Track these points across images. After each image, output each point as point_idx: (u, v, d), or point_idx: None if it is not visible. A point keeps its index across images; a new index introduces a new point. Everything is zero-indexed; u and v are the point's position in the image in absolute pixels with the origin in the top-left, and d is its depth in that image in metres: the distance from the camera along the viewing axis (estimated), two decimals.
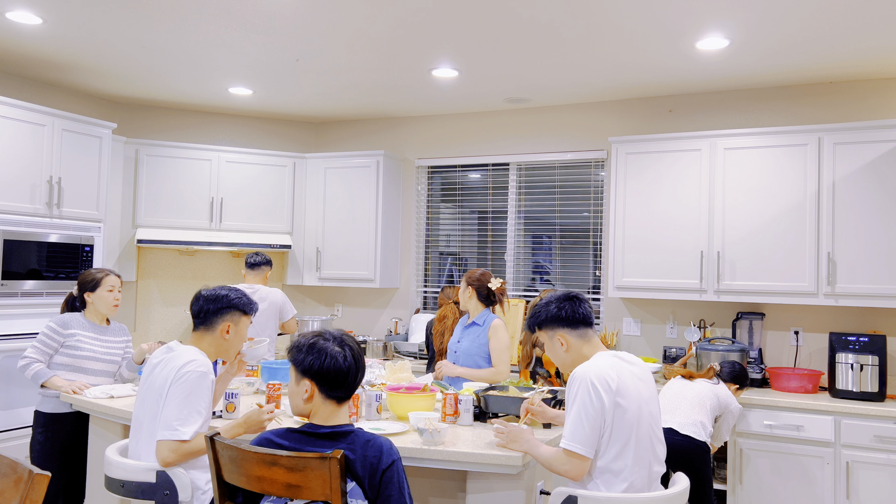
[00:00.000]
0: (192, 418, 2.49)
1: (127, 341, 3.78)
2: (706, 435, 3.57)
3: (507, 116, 5.72)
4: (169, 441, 2.46)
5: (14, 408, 4.34)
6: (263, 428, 2.62)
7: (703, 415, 3.62)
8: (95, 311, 3.64)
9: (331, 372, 2.03)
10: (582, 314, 2.55)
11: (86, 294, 3.62)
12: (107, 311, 3.65)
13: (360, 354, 2.12)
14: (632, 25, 3.78)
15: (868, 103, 4.61)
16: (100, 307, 3.62)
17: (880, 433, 3.88)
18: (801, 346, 4.66)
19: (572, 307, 2.55)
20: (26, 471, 1.64)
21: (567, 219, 5.54)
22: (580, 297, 2.59)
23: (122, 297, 3.82)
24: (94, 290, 3.61)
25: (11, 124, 4.38)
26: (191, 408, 2.49)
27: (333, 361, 2.03)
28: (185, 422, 2.47)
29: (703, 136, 4.65)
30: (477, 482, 2.61)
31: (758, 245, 4.46)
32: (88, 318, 3.64)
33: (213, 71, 4.87)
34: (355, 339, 2.15)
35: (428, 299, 6.09)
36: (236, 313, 2.75)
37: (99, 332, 3.63)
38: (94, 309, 3.64)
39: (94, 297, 3.61)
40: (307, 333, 2.11)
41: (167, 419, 2.48)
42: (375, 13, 3.70)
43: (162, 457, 2.47)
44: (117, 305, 3.67)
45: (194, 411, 2.50)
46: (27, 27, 4.08)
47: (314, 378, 2.04)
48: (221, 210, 5.72)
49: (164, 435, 2.47)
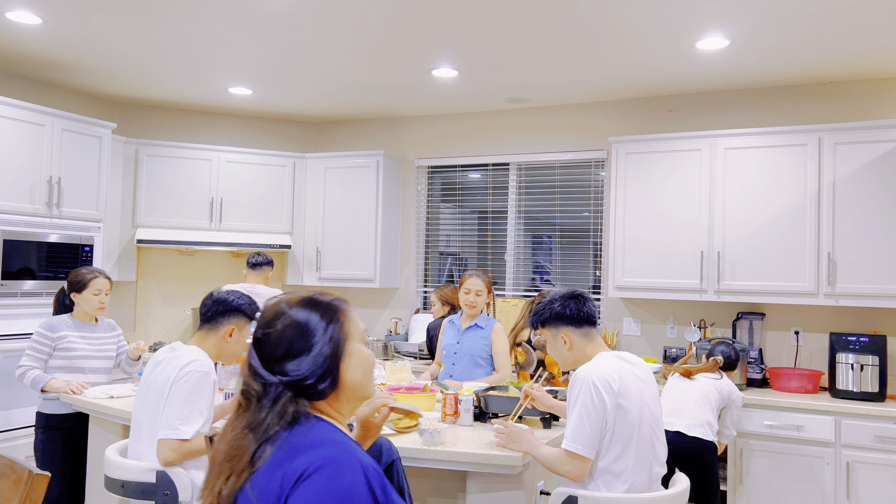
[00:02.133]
0: (194, 418, 2.49)
1: (118, 335, 3.80)
2: (713, 434, 3.57)
3: (507, 116, 5.72)
4: (170, 440, 2.46)
5: (14, 408, 4.34)
6: None
7: (709, 413, 3.62)
8: (82, 312, 3.65)
9: None
10: (586, 313, 2.56)
11: (73, 294, 3.62)
12: (91, 313, 3.65)
13: None
14: (632, 25, 3.78)
15: (868, 103, 4.61)
16: (85, 308, 3.62)
17: (880, 433, 3.88)
18: (801, 346, 4.65)
19: (577, 306, 2.56)
20: (26, 471, 1.63)
21: (567, 219, 5.54)
22: (585, 296, 2.59)
23: (118, 296, 3.82)
24: (80, 291, 3.60)
25: (11, 124, 4.38)
26: (192, 407, 2.50)
27: None
28: (186, 421, 2.48)
29: (703, 136, 4.65)
30: (477, 482, 2.61)
31: (758, 245, 4.46)
32: (76, 318, 3.64)
33: (213, 71, 4.87)
34: None
35: (428, 299, 6.09)
36: (242, 318, 2.77)
37: (88, 331, 3.64)
38: (80, 309, 3.64)
39: (80, 298, 3.61)
40: None
41: (169, 418, 2.49)
42: (375, 13, 3.70)
43: (163, 456, 2.47)
44: (102, 308, 3.66)
45: (196, 411, 2.50)
46: (27, 27, 4.08)
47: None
48: (221, 210, 5.72)
49: (165, 434, 2.48)
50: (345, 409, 1.39)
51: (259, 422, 1.27)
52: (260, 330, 1.35)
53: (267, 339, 1.33)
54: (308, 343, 1.32)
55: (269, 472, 1.22)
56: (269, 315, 1.36)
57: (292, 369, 1.31)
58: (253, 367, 1.33)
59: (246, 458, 1.24)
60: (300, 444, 1.24)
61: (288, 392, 1.30)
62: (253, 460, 1.24)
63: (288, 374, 1.31)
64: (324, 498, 1.15)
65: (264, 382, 1.31)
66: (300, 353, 1.32)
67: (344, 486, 1.18)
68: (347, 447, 1.25)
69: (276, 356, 1.32)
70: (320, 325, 1.34)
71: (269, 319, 1.35)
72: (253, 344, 1.35)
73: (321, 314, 1.35)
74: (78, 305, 3.62)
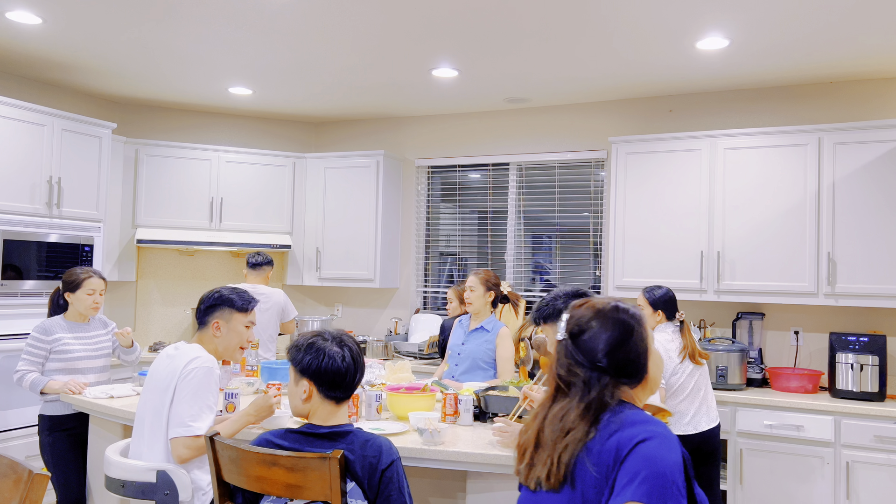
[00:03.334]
0: (204, 413, 2.53)
1: (112, 329, 3.80)
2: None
3: (507, 116, 5.72)
4: (183, 437, 2.49)
5: (14, 408, 4.34)
6: (273, 411, 2.67)
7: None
8: (75, 312, 3.64)
9: (329, 372, 2.02)
10: None
11: (66, 294, 3.62)
12: (85, 313, 3.65)
13: (359, 354, 2.11)
14: (632, 25, 3.78)
15: (868, 103, 4.61)
16: (78, 308, 3.62)
17: (880, 433, 3.88)
18: (801, 346, 4.66)
19: None
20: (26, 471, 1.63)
21: (567, 219, 5.54)
22: (588, 295, 2.60)
23: (118, 296, 3.83)
24: (74, 290, 3.60)
25: (11, 124, 4.38)
26: (201, 403, 2.53)
27: (332, 361, 2.03)
28: (196, 417, 2.51)
29: (703, 136, 4.65)
30: (477, 482, 2.61)
31: (758, 245, 4.46)
32: (69, 318, 3.64)
33: (213, 71, 4.87)
34: (355, 339, 2.14)
35: (428, 299, 6.09)
36: (226, 309, 2.73)
37: (82, 331, 3.64)
38: (73, 309, 3.64)
39: (74, 297, 3.60)
40: (306, 333, 2.11)
41: (179, 416, 2.51)
42: (375, 13, 3.70)
43: (178, 454, 2.49)
44: (97, 308, 3.66)
45: (205, 406, 2.54)
46: (27, 27, 4.08)
47: (312, 378, 2.04)
48: (221, 210, 5.72)
49: (177, 432, 2.50)
50: (642, 397, 1.63)
51: (589, 403, 1.54)
52: (576, 328, 1.62)
53: (587, 336, 1.60)
54: (628, 340, 1.58)
55: (602, 441, 1.48)
56: (585, 316, 1.62)
57: (616, 360, 1.57)
58: (576, 359, 1.59)
59: (581, 432, 1.51)
60: (628, 419, 1.50)
61: (609, 379, 1.56)
62: (588, 433, 1.50)
63: (612, 364, 1.57)
64: (658, 460, 1.40)
65: (590, 371, 1.57)
66: (622, 347, 1.57)
67: (673, 458, 1.42)
68: (668, 428, 1.50)
69: (599, 349, 1.57)
70: (635, 328, 1.60)
71: (586, 320, 1.61)
72: (570, 339, 1.61)
73: (631, 319, 1.61)
74: (72, 305, 3.62)
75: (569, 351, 1.61)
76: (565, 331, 1.64)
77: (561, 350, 1.63)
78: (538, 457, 1.57)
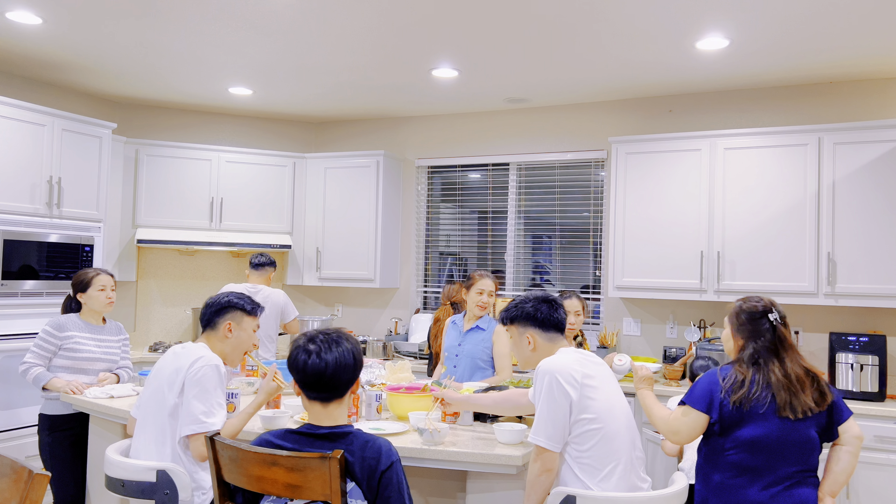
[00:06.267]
0: (216, 409, 2.60)
1: (124, 340, 3.80)
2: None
3: (507, 116, 5.72)
4: (201, 434, 2.53)
5: (14, 408, 4.34)
6: (280, 388, 2.79)
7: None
8: (90, 311, 3.65)
9: (302, 372, 2.01)
10: (556, 319, 2.61)
11: (79, 295, 3.63)
12: (101, 310, 3.66)
13: (347, 355, 2.01)
14: (632, 25, 3.78)
15: (868, 103, 4.61)
16: (93, 306, 3.63)
17: (880, 433, 3.88)
18: (800, 345, 4.65)
19: (548, 310, 2.61)
20: (26, 471, 1.64)
21: (567, 219, 5.54)
22: (557, 303, 2.66)
23: (118, 296, 3.84)
24: (86, 290, 3.61)
25: (11, 124, 4.38)
26: (212, 400, 2.60)
27: (304, 361, 1.99)
28: (209, 413, 2.57)
29: (702, 136, 4.65)
30: (477, 482, 2.61)
31: (758, 245, 4.46)
32: (84, 318, 3.64)
33: (213, 71, 4.87)
34: (351, 339, 2.07)
35: (428, 299, 6.09)
36: (237, 313, 2.85)
37: (96, 332, 3.64)
38: (88, 309, 3.64)
39: (86, 297, 3.62)
40: (307, 331, 2.11)
41: (193, 414, 2.56)
42: (375, 13, 3.70)
43: (198, 451, 2.56)
44: (111, 303, 3.67)
45: (216, 403, 2.61)
46: (27, 27, 4.09)
47: (295, 377, 2.04)
48: (221, 210, 5.72)
49: (193, 429, 2.55)
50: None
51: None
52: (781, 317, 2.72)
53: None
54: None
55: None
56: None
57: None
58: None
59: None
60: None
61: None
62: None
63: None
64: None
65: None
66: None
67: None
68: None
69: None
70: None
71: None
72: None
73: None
74: (86, 305, 3.63)
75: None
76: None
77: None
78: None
